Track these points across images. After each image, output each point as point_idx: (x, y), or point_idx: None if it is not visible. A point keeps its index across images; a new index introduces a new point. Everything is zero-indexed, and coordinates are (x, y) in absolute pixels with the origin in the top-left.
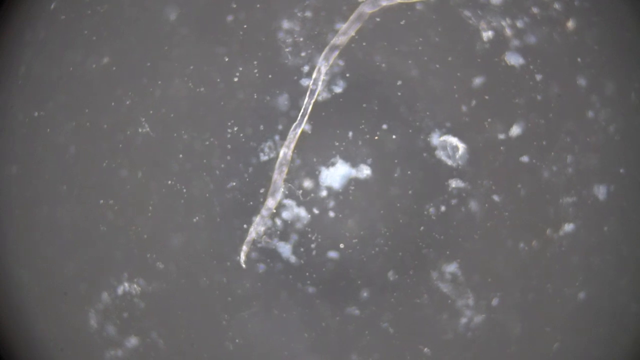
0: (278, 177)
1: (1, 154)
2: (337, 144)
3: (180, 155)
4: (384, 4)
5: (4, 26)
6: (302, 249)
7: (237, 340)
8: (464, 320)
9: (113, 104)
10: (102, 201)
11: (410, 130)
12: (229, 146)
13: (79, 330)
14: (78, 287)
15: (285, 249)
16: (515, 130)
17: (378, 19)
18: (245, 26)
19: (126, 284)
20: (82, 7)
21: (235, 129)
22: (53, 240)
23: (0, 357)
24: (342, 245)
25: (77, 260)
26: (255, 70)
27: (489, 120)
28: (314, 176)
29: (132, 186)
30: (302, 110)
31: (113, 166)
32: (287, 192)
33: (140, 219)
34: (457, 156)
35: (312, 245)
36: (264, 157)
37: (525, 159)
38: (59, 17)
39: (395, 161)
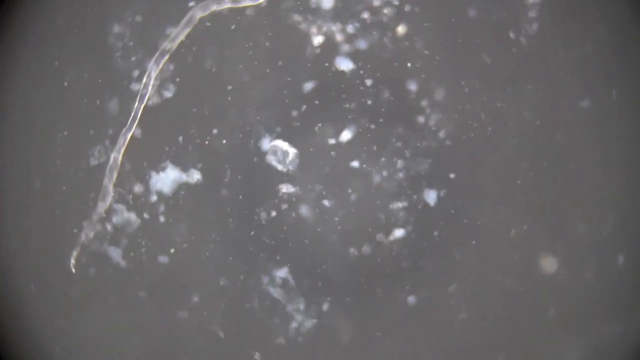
0: (108, 181)
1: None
2: (167, 148)
3: (10, 159)
4: (214, 8)
5: (4, 26)
6: (132, 254)
7: (66, 345)
8: (294, 324)
9: None
10: None
11: (241, 135)
12: (58, 150)
13: None
14: None
15: (115, 254)
16: (345, 135)
17: (208, 24)
18: (75, 30)
19: None
20: None
21: (65, 133)
22: None
23: (0, 357)
24: (172, 250)
25: None
26: (85, 74)
27: (320, 125)
28: (144, 181)
29: None
30: (132, 115)
31: None
32: (117, 197)
33: None
34: (288, 161)
35: (143, 250)
36: (94, 162)
37: (355, 164)
38: None
39: (226, 166)
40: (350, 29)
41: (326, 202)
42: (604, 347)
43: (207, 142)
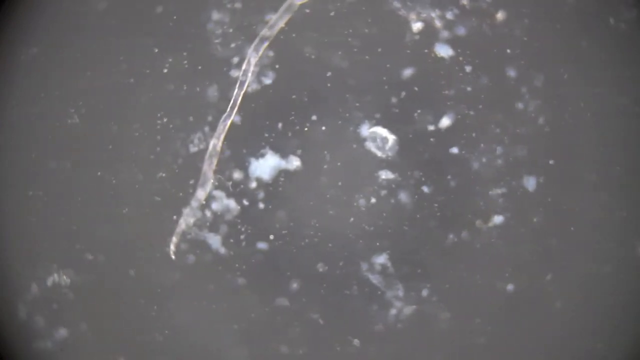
0: (208, 168)
1: None
2: (266, 135)
3: (110, 146)
4: None
5: (4, 26)
6: (231, 240)
7: (166, 332)
8: (393, 311)
9: (42, 94)
10: (31, 192)
11: (340, 122)
12: (158, 137)
13: (7, 322)
14: (6, 278)
15: (214, 240)
16: (444, 122)
17: (308, 10)
18: (174, 17)
19: (55, 275)
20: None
21: (165, 120)
22: None
23: (1, 357)
24: (271, 237)
25: (4, 252)
26: (185, 62)
27: (419, 111)
28: (244, 167)
29: (60, 177)
30: (231, 102)
31: (41, 157)
32: (216, 184)
33: (69, 209)
34: (387, 147)
35: (242, 237)
36: (193, 149)
37: (454, 150)
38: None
39: (325, 152)
40: (449, 15)
41: (425, 189)
42: None
43: (306, 129)
